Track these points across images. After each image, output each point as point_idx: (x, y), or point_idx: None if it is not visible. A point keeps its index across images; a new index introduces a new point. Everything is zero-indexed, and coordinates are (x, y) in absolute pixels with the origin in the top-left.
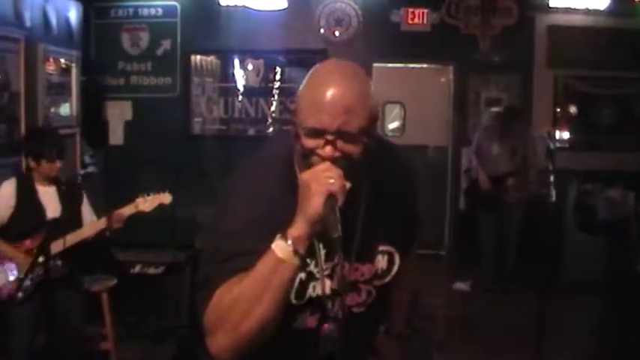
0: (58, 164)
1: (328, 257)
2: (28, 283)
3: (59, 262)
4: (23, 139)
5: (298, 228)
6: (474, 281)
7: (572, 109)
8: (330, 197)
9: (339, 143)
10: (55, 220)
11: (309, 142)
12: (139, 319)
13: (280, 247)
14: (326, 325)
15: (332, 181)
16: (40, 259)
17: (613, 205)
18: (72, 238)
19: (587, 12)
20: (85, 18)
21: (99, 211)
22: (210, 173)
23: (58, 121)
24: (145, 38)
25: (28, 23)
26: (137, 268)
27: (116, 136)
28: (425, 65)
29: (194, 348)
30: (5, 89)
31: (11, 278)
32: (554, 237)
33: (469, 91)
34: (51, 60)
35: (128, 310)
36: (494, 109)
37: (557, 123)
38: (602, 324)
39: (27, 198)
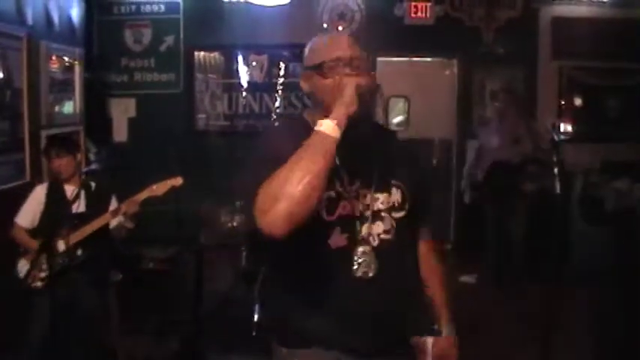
0: (64, 162)
1: (352, 182)
2: (47, 272)
3: (79, 252)
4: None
5: (338, 110)
6: (480, 274)
7: (578, 101)
8: (359, 84)
9: (354, 65)
10: (79, 215)
11: (329, 71)
12: (143, 314)
13: (324, 124)
14: (360, 247)
15: (359, 78)
16: (61, 248)
17: (620, 196)
18: (88, 228)
19: (592, 3)
20: (88, 15)
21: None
22: (215, 169)
23: (61, 118)
24: (147, 35)
25: (30, 21)
26: (142, 264)
27: (120, 132)
28: (429, 59)
29: (198, 343)
30: (8, 87)
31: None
32: (561, 229)
33: (474, 83)
34: (54, 57)
35: (133, 305)
36: (496, 103)
37: (562, 115)
38: (610, 316)
39: (55, 198)
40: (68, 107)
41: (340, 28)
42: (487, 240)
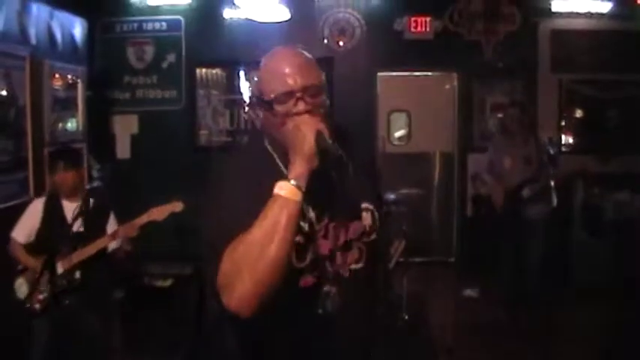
0: (70, 175)
1: (319, 219)
2: (45, 295)
3: (77, 275)
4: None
5: (297, 166)
6: (482, 288)
7: (578, 113)
8: (319, 134)
9: (307, 99)
10: (78, 234)
11: (281, 109)
12: (146, 331)
13: (283, 187)
14: (326, 286)
15: (319, 124)
16: (59, 271)
17: (620, 208)
18: (87, 250)
19: (590, 16)
20: (90, 33)
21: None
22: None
23: (64, 135)
24: (150, 52)
25: (33, 40)
26: (145, 281)
27: (123, 149)
28: (429, 73)
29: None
30: (12, 105)
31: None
32: (562, 242)
33: (474, 97)
34: (57, 76)
35: (135, 322)
36: (500, 115)
37: (562, 127)
38: (612, 327)
39: (53, 214)
40: (71, 124)
41: (341, 43)
42: (501, 268)
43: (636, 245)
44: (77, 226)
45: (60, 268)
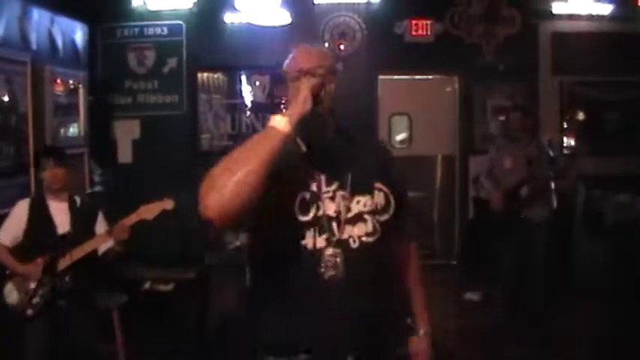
0: (59, 172)
1: (329, 182)
2: (37, 300)
3: (67, 279)
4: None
5: (292, 109)
6: (484, 291)
7: (579, 115)
8: (315, 87)
9: (315, 75)
10: (65, 236)
11: (294, 86)
12: (149, 336)
13: (275, 119)
14: (330, 249)
15: (314, 81)
16: (48, 275)
17: (622, 210)
18: (77, 253)
19: (591, 18)
20: (92, 38)
21: None
22: None
23: (66, 141)
24: (151, 57)
25: (34, 46)
26: (147, 285)
27: (125, 154)
28: (430, 76)
29: None
30: (13, 111)
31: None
32: (562, 243)
33: (475, 100)
34: (58, 81)
35: (138, 327)
36: (502, 119)
37: (563, 129)
38: (612, 329)
39: (39, 215)
40: (73, 130)
41: (342, 47)
42: (495, 260)
43: (637, 247)
44: (65, 227)
45: (49, 274)
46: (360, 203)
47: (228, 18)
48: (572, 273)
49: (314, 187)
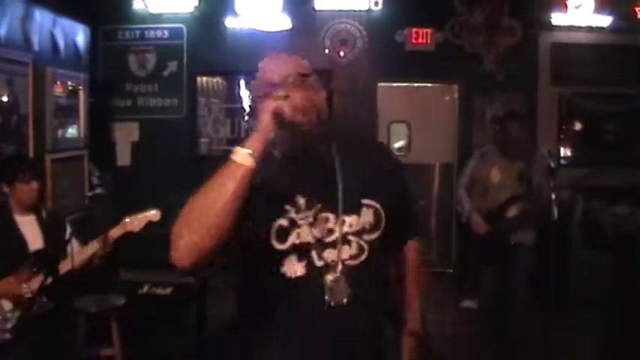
0: (34, 186)
1: (309, 206)
2: (14, 322)
3: (44, 298)
4: None
5: (253, 138)
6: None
7: (577, 126)
8: (277, 115)
9: (288, 89)
10: (38, 252)
11: (269, 104)
12: (146, 339)
13: (238, 152)
14: (311, 277)
15: (278, 102)
16: (26, 295)
17: (620, 221)
18: (55, 270)
19: (590, 29)
20: (93, 41)
21: None
22: None
23: (65, 142)
24: (151, 60)
25: (36, 47)
26: (145, 288)
27: (123, 157)
28: (429, 84)
29: None
30: (14, 112)
31: None
32: (561, 255)
33: (474, 109)
34: (59, 83)
35: (136, 330)
36: (497, 127)
37: (562, 140)
38: (611, 341)
39: (5, 231)
40: (72, 132)
41: (342, 53)
42: (481, 302)
43: (636, 258)
44: (36, 243)
45: (27, 292)
46: (345, 224)
47: (230, 22)
48: (571, 284)
49: (293, 213)
